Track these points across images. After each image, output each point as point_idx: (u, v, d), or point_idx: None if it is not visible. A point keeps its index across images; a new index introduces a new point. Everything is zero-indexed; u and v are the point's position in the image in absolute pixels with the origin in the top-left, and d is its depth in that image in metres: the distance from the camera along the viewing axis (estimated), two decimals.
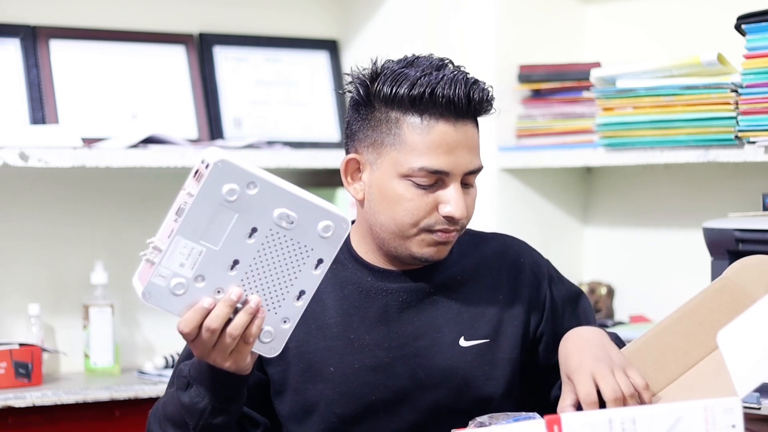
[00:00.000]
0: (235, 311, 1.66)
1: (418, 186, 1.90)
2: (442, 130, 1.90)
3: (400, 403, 1.94)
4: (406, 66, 1.93)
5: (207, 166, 1.61)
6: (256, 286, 1.67)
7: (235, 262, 1.65)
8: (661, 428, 1.43)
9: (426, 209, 1.90)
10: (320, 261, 1.68)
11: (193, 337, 1.68)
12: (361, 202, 1.96)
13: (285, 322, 1.70)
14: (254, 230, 1.64)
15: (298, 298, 1.69)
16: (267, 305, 1.68)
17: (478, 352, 1.97)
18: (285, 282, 1.68)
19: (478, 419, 1.79)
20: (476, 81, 1.95)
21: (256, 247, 1.65)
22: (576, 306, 2.08)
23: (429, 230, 1.91)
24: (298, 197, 1.65)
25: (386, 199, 1.92)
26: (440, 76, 1.91)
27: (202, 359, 1.73)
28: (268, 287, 1.67)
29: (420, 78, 1.90)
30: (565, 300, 2.07)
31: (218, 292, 1.66)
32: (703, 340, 1.81)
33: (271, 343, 1.70)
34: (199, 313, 1.66)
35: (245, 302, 1.66)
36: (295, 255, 1.67)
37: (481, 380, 1.97)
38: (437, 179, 1.91)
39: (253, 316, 1.66)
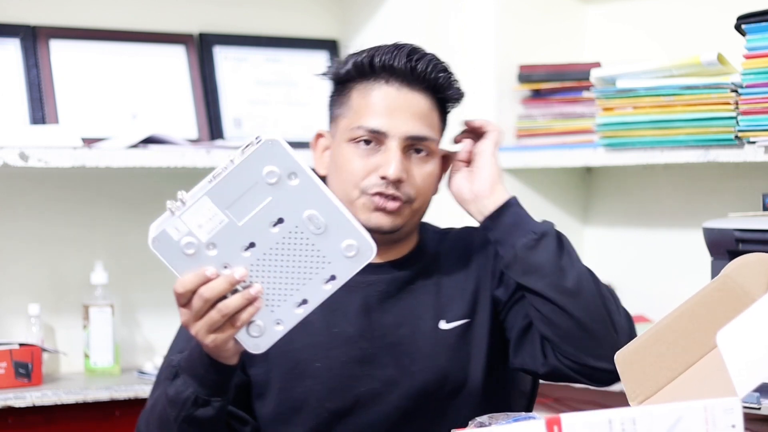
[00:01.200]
0: (234, 291, 1.64)
1: (360, 148, 1.95)
2: (382, 91, 1.96)
3: (390, 392, 1.96)
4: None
5: (258, 141, 1.60)
6: (262, 277, 1.64)
7: (251, 245, 1.63)
8: (661, 428, 1.43)
9: (365, 170, 1.94)
10: (333, 277, 1.66)
11: (185, 300, 1.66)
12: (324, 179, 1.99)
13: (278, 323, 1.67)
14: (281, 221, 1.62)
15: (299, 306, 1.66)
16: (266, 300, 1.65)
17: (460, 333, 2.01)
18: (292, 284, 1.65)
19: (478, 419, 1.79)
20: (423, 52, 1.98)
21: (276, 238, 1.63)
22: None
23: (367, 193, 1.94)
24: (334, 206, 1.63)
25: (337, 168, 1.98)
26: (387, 47, 1.97)
27: (185, 327, 1.70)
28: (274, 283, 1.65)
29: (367, 50, 1.98)
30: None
31: (225, 267, 1.63)
32: (702, 339, 1.81)
33: (257, 339, 1.67)
34: (198, 279, 1.63)
35: (247, 287, 1.64)
36: (311, 262, 1.64)
37: (464, 360, 2.00)
38: (377, 141, 1.95)
39: (249, 302, 1.64)
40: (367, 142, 1.95)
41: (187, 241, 1.62)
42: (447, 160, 2.06)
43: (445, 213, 2.30)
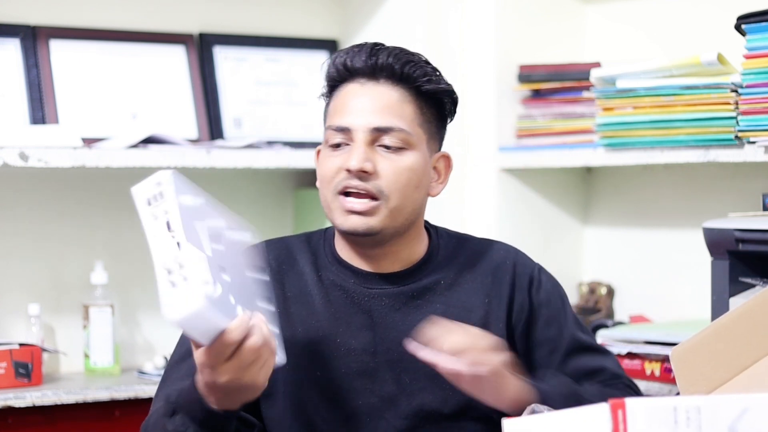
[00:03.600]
0: None
1: (331, 148, 1.94)
2: (346, 90, 1.95)
3: (386, 408, 1.93)
4: None
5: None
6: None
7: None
8: (727, 418, 1.40)
9: (334, 170, 1.92)
10: None
11: (228, 356, 1.66)
12: None
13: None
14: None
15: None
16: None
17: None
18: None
19: (531, 407, 1.76)
20: (388, 46, 1.96)
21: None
22: (554, 314, 2.04)
23: (337, 192, 1.91)
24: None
25: (317, 175, 1.97)
26: (349, 48, 1.97)
27: (230, 381, 1.69)
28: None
29: (332, 56, 1.98)
30: (542, 304, 2.03)
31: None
32: (758, 342, 1.79)
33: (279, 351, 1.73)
34: (245, 329, 1.65)
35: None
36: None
37: None
38: (346, 139, 1.93)
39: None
40: (338, 145, 1.93)
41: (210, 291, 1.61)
42: (447, 161, 2.03)
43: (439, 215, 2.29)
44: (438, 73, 1.97)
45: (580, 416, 1.41)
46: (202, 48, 3.16)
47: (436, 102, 1.97)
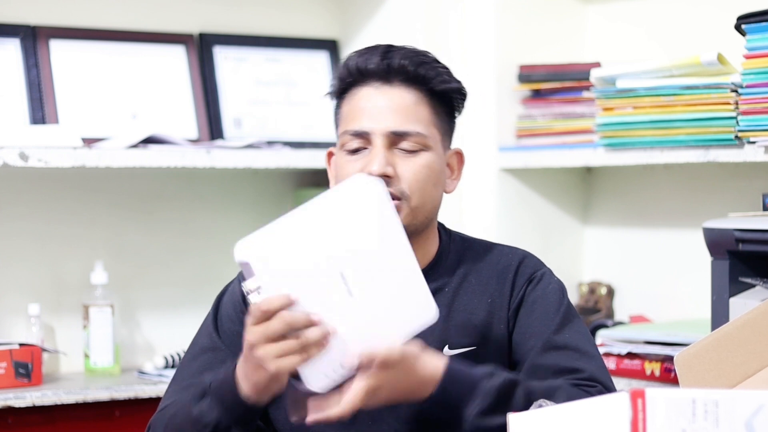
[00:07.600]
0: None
1: (349, 153, 1.94)
2: (362, 93, 1.94)
3: (388, 413, 1.91)
4: None
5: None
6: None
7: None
8: (743, 414, 1.41)
9: (355, 173, 1.91)
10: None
11: (263, 320, 1.67)
12: None
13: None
14: None
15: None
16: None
17: (463, 360, 1.91)
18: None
19: (538, 402, 1.75)
20: (400, 47, 1.95)
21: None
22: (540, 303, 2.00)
23: None
24: None
25: (335, 178, 1.97)
26: (362, 50, 1.96)
27: (251, 347, 1.69)
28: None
29: (345, 58, 1.97)
30: (534, 298, 1.99)
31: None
32: (761, 352, 1.79)
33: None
34: (285, 301, 1.67)
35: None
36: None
37: None
38: (364, 142, 1.93)
39: (324, 338, 1.69)
40: (356, 149, 1.93)
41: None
42: (460, 157, 2.02)
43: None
44: (449, 71, 1.97)
45: (597, 405, 1.42)
46: (202, 48, 3.16)
47: (447, 99, 1.97)
